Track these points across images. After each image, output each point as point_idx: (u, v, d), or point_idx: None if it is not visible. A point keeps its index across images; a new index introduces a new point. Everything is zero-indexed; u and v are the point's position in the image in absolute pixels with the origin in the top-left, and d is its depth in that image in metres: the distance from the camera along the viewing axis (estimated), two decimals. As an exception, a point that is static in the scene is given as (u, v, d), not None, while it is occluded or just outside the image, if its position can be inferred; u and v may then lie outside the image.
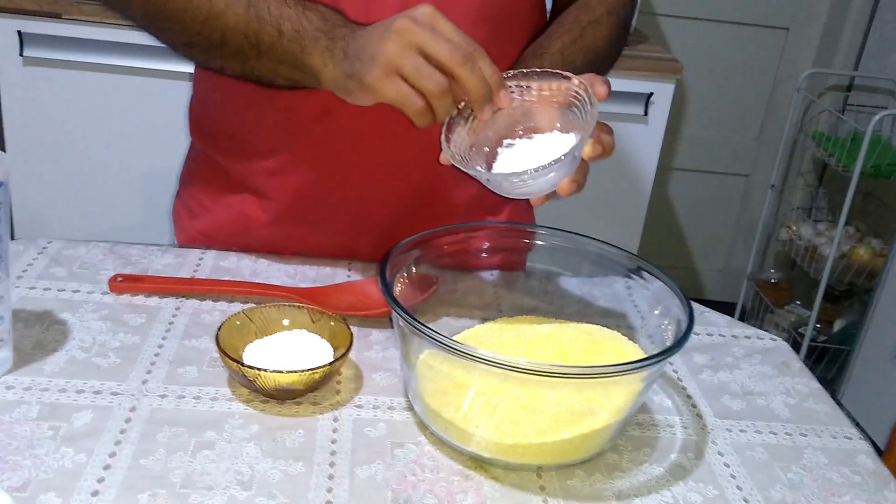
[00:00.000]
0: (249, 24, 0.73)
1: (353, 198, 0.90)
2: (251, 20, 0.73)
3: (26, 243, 0.89)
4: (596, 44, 0.85)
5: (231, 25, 0.74)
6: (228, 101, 0.90)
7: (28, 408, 0.66)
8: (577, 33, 0.85)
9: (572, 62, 0.83)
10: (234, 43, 0.75)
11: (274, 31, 0.73)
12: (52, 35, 1.66)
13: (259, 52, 0.74)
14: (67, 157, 1.77)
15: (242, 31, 0.74)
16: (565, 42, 0.84)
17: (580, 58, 0.84)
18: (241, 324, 0.73)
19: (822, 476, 0.68)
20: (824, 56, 2.49)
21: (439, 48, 0.66)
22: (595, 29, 0.86)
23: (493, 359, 0.60)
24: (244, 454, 0.63)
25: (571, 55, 0.83)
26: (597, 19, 0.86)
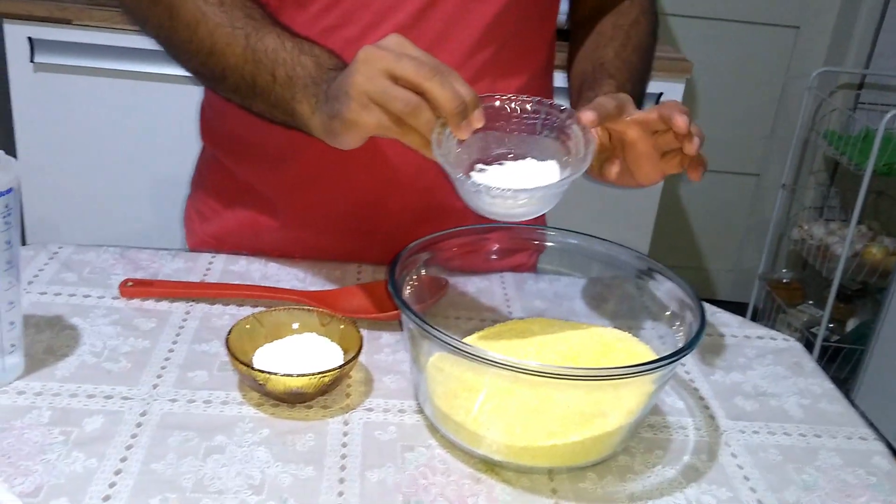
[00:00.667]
0: (246, 65, 0.74)
1: (362, 204, 0.90)
2: (248, 61, 0.74)
3: (37, 248, 0.90)
4: (643, 42, 0.88)
5: (230, 64, 0.75)
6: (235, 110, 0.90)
7: (39, 413, 0.66)
8: (623, 37, 0.87)
9: (630, 62, 0.85)
10: (233, 81, 0.76)
11: (269, 76, 0.73)
12: (63, 41, 1.66)
13: (255, 93, 0.75)
14: (79, 163, 1.78)
15: (240, 72, 0.75)
16: (616, 47, 0.86)
17: (636, 58, 0.86)
18: (250, 327, 0.73)
19: (837, 477, 0.68)
20: (835, 54, 2.47)
21: (404, 66, 0.65)
22: (637, 28, 0.89)
23: (503, 361, 0.59)
24: (255, 458, 0.63)
25: (628, 56, 0.85)
26: (635, 19, 0.89)
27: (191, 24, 0.76)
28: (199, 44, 0.76)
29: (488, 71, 0.85)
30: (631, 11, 0.90)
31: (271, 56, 0.73)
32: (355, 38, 0.81)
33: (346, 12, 0.80)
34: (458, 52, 0.82)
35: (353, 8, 0.80)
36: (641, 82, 0.87)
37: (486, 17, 0.82)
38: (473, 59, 0.83)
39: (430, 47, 0.81)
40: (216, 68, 0.76)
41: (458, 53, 0.82)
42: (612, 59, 0.85)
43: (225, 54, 0.75)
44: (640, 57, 0.87)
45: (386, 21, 0.80)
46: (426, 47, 0.81)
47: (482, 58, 0.84)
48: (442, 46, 0.81)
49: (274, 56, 0.73)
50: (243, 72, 0.74)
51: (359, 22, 0.80)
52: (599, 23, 0.90)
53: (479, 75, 0.84)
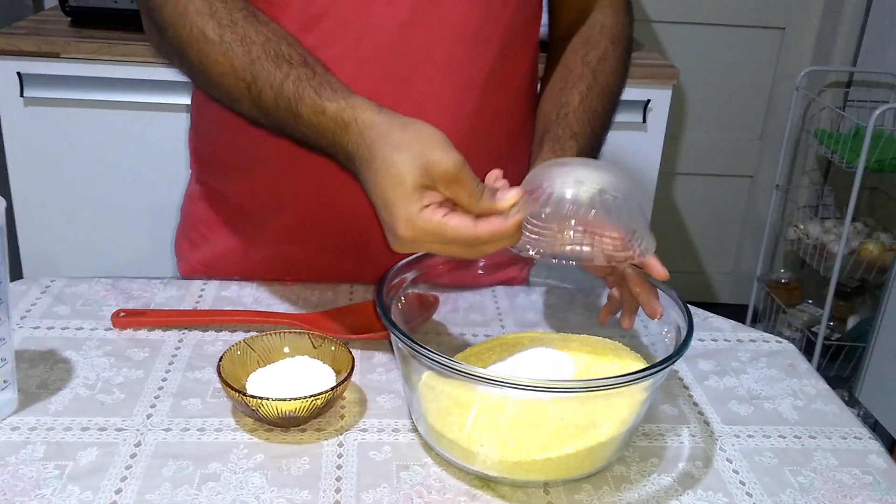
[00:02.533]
0: (261, 116, 0.73)
1: (354, 221, 0.90)
2: (261, 114, 0.73)
3: (29, 283, 0.90)
4: (609, 82, 0.85)
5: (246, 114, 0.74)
6: (225, 129, 0.91)
7: (34, 448, 0.66)
8: (590, 77, 0.84)
9: (594, 110, 0.83)
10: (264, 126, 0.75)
11: (292, 135, 0.73)
12: (51, 74, 1.67)
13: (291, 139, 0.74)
14: (72, 195, 1.79)
15: (260, 123, 0.74)
16: (582, 91, 0.83)
17: (600, 104, 0.84)
18: (241, 353, 0.73)
19: (833, 478, 0.68)
20: (822, 53, 2.48)
21: (445, 251, 0.65)
22: (605, 65, 0.86)
23: (492, 377, 0.60)
24: (249, 484, 0.63)
25: (591, 104, 0.83)
26: (603, 55, 0.86)
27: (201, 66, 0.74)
28: (216, 88, 0.75)
29: (474, 86, 0.85)
30: (600, 42, 0.87)
31: (275, 116, 0.72)
32: (337, 57, 0.81)
33: (327, 32, 0.80)
34: (442, 69, 0.83)
35: (334, 27, 0.80)
36: (603, 130, 0.85)
37: (470, 34, 0.83)
38: (458, 75, 0.84)
39: (414, 65, 0.82)
40: (243, 116, 0.75)
41: (443, 70, 0.83)
42: (576, 107, 0.82)
43: (241, 106, 0.74)
44: (604, 104, 0.84)
45: (367, 40, 0.80)
46: (409, 65, 0.82)
47: (467, 74, 0.84)
48: (425, 64, 0.82)
49: (278, 116, 0.72)
50: (269, 126, 0.74)
51: (341, 41, 0.81)
52: (568, 53, 0.88)
53: (464, 91, 0.84)
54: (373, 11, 0.79)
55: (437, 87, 0.83)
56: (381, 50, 0.81)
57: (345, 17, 0.80)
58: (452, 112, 0.84)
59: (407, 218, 0.63)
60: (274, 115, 0.72)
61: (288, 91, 0.70)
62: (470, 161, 0.64)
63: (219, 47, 0.72)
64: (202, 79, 0.75)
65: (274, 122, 0.73)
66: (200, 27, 0.72)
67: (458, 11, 0.81)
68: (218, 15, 0.73)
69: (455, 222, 0.63)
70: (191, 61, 0.75)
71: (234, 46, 0.72)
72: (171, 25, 0.74)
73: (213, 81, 0.74)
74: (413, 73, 0.82)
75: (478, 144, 0.86)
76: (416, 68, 0.82)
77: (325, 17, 0.80)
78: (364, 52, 0.81)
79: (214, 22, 0.72)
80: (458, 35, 0.82)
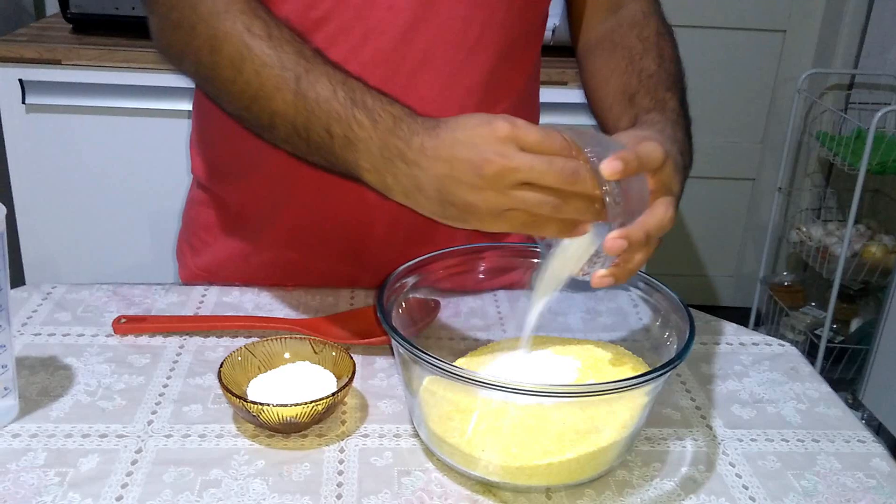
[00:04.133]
0: (298, 115, 0.67)
1: (353, 225, 0.90)
2: (300, 111, 0.67)
3: (30, 290, 0.90)
4: (674, 55, 0.84)
5: (280, 112, 0.68)
6: (226, 135, 0.91)
7: (34, 455, 0.66)
8: (656, 49, 0.81)
9: (675, 74, 0.81)
10: (283, 132, 0.69)
11: (324, 132, 0.66)
12: (53, 81, 1.68)
13: (310, 148, 0.69)
14: (73, 201, 1.79)
15: (292, 122, 0.68)
16: (655, 58, 0.81)
17: (676, 69, 0.82)
18: (242, 359, 0.73)
19: (837, 482, 0.67)
20: (823, 56, 2.48)
21: (545, 178, 0.59)
22: (664, 42, 0.84)
23: (494, 382, 0.59)
24: (250, 490, 0.63)
25: (669, 68, 0.81)
26: (658, 31, 0.84)
27: (235, 61, 0.69)
28: (245, 85, 0.69)
29: (475, 91, 0.85)
30: (650, 24, 0.85)
31: (324, 107, 0.66)
32: (340, 60, 0.81)
33: (328, 36, 0.80)
34: (443, 73, 0.83)
35: (335, 32, 0.80)
36: (686, 96, 0.82)
37: (471, 40, 0.83)
38: (459, 80, 0.84)
39: (415, 70, 0.82)
40: (263, 115, 0.70)
41: (444, 75, 0.83)
42: (656, 70, 0.79)
43: (274, 99, 0.68)
44: (679, 69, 0.82)
45: (368, 45, 0.80)
46: (410, 69, 0.82)
47: (468, 80, 0.84)
48: (427, 68, 0.82)
49: (327, 107, 0.66)
50: (295, 123, 0.68)
51: (343, 44, 0.81)
52: (620, 38, 0.85)
53: (466, 97, 0.84)
54: (374, 16, 0.79)
55: (437, 92, 0.83)
56: (382, 54, 0.81)
57: (346, 22, 0.80)
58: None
59: (496, 148, 0.58)
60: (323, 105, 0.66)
61: (353, 84, 0.66)
62: None
63: (267, 42, 0.69)
64: (230, 73, 0.70)
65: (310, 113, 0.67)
66: (246, 23, 0.69)
67: (458, 17, 0.81)
68: (262, 17, 0.70)
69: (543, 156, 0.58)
70: (223, 54, 0.70)
71: (283, 43, 0.69)
72: (204, 21, 0.71)
73: (248, 72, 0.69)
74: (414, 78, 0.82)
75: None
76: (416, 73, 0.82)
77: (326, 21, 0.80)
78: (365, 57, 0.81)
79: (261, 21, 0.70)
80: (458, 40, 0.82)
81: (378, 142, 0.64)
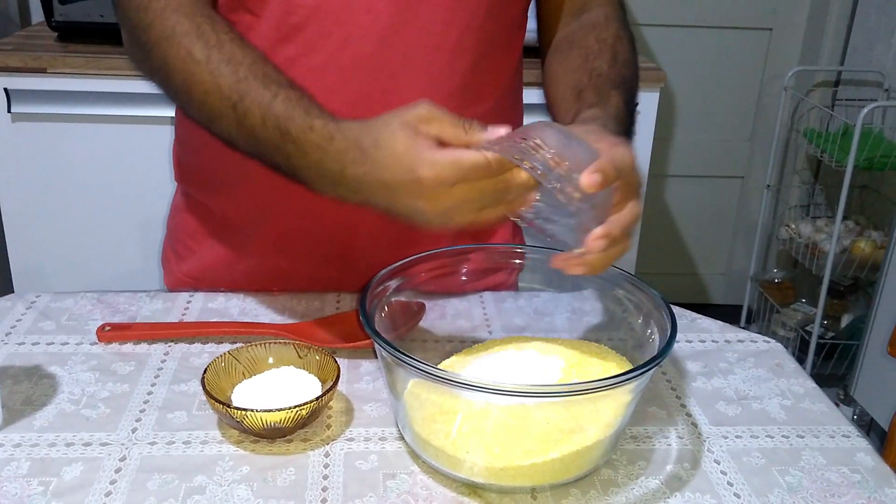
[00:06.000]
0: (245, 141, 0.72)
1: (338, 230, 0.90)
2: (245, 138, 0.71)
3: (14, 299, 0.90)
4: (629, 58, 0.84)
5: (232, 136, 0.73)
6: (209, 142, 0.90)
7: (18, 465, 0.65)
8: (611, 51, 0.83)
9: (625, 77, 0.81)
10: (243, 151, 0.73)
11: (269, 160, 0.71)
12: (39, 90, 1.67)
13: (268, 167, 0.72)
14: (61, 209, 1.78)
15: (243, 146, 0.73)
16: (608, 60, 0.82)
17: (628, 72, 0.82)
18: (226, 365, 0.73)
19: (821, 477, 0.68)
20: (809, 53, 2.49)
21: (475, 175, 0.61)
22: (622, 44, 0.85)
23: (475, 383, 0.59)
24: (235, 497, 0.63)
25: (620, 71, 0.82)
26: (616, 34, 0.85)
27: (183, 89, 0.73)
28: (197, 111, 0.73)
29: (456, 94, 0.85)
30: (610, 27, 0.86)
31: (260, 137, 0.69)
32: (319, 66, 0.81)
33: (307, 41, 0.81)
34: (424, 77, 0.83)
35: (315, 37, 0.80)
36: (634, 98, 0.82)
37: (451, 43, 0.83)
38: (440, 83, 0.84)
39: (394, 74, 0.82)
40: (222, 136, 0.73)
41: (425, 79, 0.83)
42: (607, 71, 0.81)
43: (222, 125, 0.72)
44: (631, 73, 0.83)
45: (348, 49, 0.80)
46: (390, 73, 0.82)
47: (449, 83, 0.84)
48: (407, 72, 0.82)
49: (263, 137, 0.69)
50: (247, 148, 0.72)
51: (323, 49, 0.81)
52: (578, 39, 0.86)
53: (447, 99, 0.84)
54: (353, 21, 0.80)
55: (418, 96, 0.82)
56: (362, 59, 0.81)
57: (325, 27, 0.80)
58: None
59: (421, 160, 0.61)
60: (259, 133, 0.70)
61: (277, 109, 0.68)
62: None
63: (205, 66, 0.71)
64: (184, 98, 0.74)
65: (254, 141, 0.71)
66: (188, 48, 0.72)
67: (438, 20, 0.81)
68: (205, 36, 0.72)
69: (468, 154, 0.61)
70: (175, 81, 0.73)
71: (220, 66, 0.71)
72: (157, 46, 0.73)
73: (197, 100, 0.72)
74: (394, 82, 0.82)
75: None
76: (396, 77, 0.82)
77: (305, 26, 0.80)
78: (345, 61, 0.81)
79: (202, 42, 0.72)
80: (438, 44, 0.82)
81: (316, 170, 0.68)
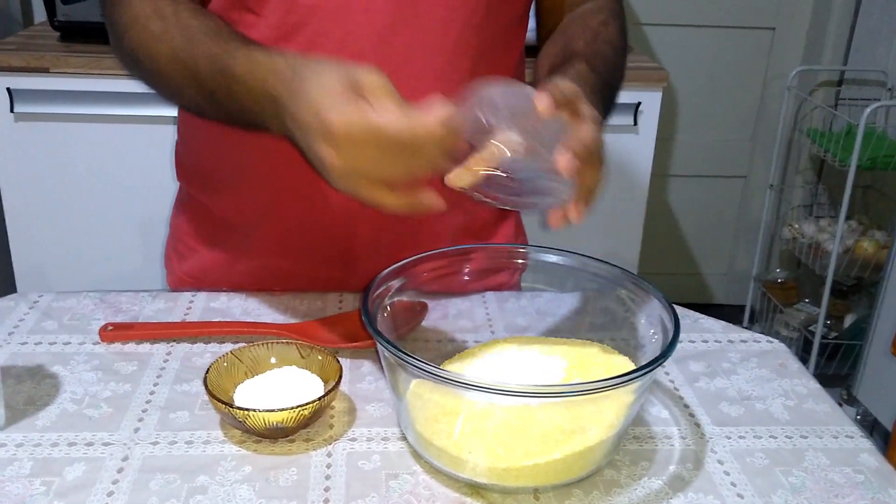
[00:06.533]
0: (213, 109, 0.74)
1: (337, 230, 0.90)
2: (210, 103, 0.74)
3: (17, 299, 0.90)
4: (613, 40, 0.86)
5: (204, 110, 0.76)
6: (210, 140, 0.91)
7: (20, 464, 0.65)
8: (592, 33, 0.85)
9: (602, 53, 0.83)
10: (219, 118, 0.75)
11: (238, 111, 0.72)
12: (41, 89, 1.67)
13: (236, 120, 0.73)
14: (64, 209, 1.78)
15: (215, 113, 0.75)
16: (587, 40, 0.84)
17: (608, 50, 0.84)
18: (229, 365, 0.72)
19: (825, 477, 0.67)
20: (812, 53, 2.49)
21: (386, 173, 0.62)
22: (607, 29, 0.87)
23: (478, 383, 0.59)
24: (237, 497, 0.63)
25: (598, 47, 0.84)
26: (604, 21, 0.88)
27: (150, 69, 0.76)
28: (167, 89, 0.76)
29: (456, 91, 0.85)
30: (600, 14, 0.89)
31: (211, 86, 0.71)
32: None
33: (307, 40, 0.81)
34: (423, 76, 0.83)
35: (314, 36, 0.81)
36: (613, 73, 0.84)
37: (450, 42, 0.83)
38: (439, 82, 0.84)
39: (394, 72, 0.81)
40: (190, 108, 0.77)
41: (424, 78, 0.83)
42: (582, 48, 0.82)
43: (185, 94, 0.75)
44: (612, 50, 0.85)
45: (347, 48, 0.81)
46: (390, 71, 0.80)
47: (448, 82, 0.84)
48: (406, 71, 0.82)
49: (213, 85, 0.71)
50: (210, 108, 0.74)
51: (320, 50, 0.81)
52: (566, 27, 0.89)
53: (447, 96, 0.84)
54: (352, 20, 0.80)
55: (417, 94, 0.82)
56: (362, 57, 0.80)
57: (324, 26, 0.80)
58: None
59: (334, 106, 0.60)
60: (211, 86, 0.71)
61: (222, 55, 0.70)
62: None
63: (162, 38, 0.74)
64: (155, 80, 0.77)
65: (210, 97, 0.72)
66: (148, 27, 0.75)
67: (437, 19, 0.81)
68: (163, 13, 0.75)
69: (388, 115, 0.60)
70: (144, 65, 0.76)
71: (174, 35, 0.73)
72: (125, 35, 0.77)
73: (164, 76, 0.75)
74: (394, 80, 0.82)
75: None
76: (396, 75, 0.81)
77: (304, 25, 0.80)
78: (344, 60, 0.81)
79: (159, 19, 0.74)
80: (438, 42, 0.82)
81: (259, 101, 0.68)
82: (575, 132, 0.65)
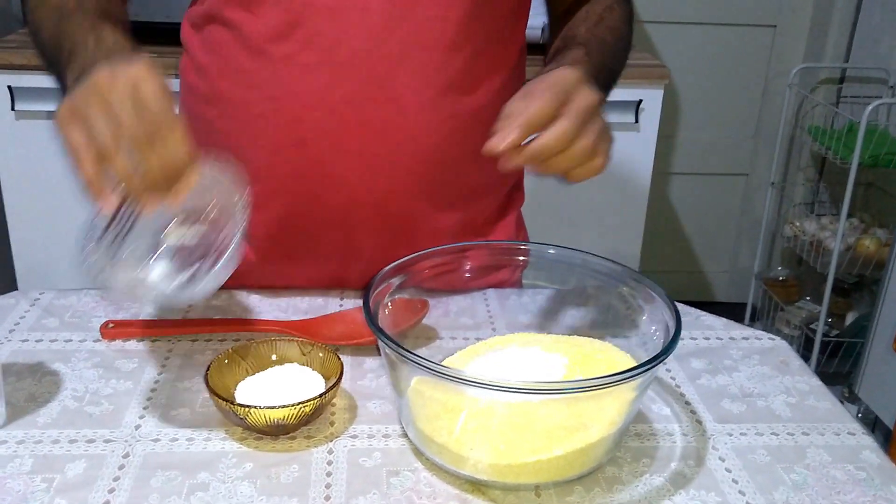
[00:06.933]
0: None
1: (336, 226, 0.90)
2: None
3: (18, 296, 0.90)
4: (616, 25, 0.87)
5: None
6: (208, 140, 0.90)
7: (21, 461, 0.65)
8: (596, 18, 0.87)
9: (602, 39, 0.84)
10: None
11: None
12: (43, 87, 1.67)
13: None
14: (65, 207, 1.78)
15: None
16: (589, 26, 0.86)
17: (609, 36, 0.85)
18: (230, 362, 0.72)
19: (826, 474, 0.67)
20: (814, 50, 2.48)
21: (103, 133, 0.64)
22: (611, 14, 0.88)
23: (479, 380, 0.59)
24: (238, 493, 0.63)
25: (600, 33, 0.85)
26: (609, 6, 0.89)
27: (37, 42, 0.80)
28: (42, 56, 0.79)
29: (453, 90, 0.85)
30: (605, 1, 0.89)
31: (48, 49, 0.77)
32: (314, 63, 0.81)
33: (302, 38, 0.81)
34: (420, 73, 0.83)
35: (309, 34, 0.81)
36: (614, 57, 0.85)
37: (447, 39, 0.83)
38: (436, 79, 0.84)
39: (390, 69, 0.82)
40: (56, 81, 0.78)
41: (421, 74, 0.83)
42: (583, 33, 0.84)
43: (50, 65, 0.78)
44: (613, 36, 0.86)
45: (342, 46, 0.80)
46: (386, 69, 0.82)
47: (445, 79, 0.84)
48: (403, 69, 0.82)
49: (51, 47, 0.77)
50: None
51: (316, 48, 0.81)
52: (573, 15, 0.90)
53: (443, 95, 0.84)
54: (346, 18, 0.80)
55: (414, 90, 0.83)
56: (357, 55, 0.81)
57: (319, 24, 0.80)
58: (432, 114, 0.84)
59: (105, 75, 0.63)
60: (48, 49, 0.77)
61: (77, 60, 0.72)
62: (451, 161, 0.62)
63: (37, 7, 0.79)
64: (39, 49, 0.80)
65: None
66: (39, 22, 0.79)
67: (433, 17, 0.81)
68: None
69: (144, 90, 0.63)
70: (36, 39, 0.80)
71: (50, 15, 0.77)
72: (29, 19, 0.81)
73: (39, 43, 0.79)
74: (390, 77, 0.82)
75: (458, 146, 0.86)
76: (392, 72, 0.82)
77: (299, 24, 0.80)
78: (340, 58, 0.81)
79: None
80: (434, 39, 0.82)
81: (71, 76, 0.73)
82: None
